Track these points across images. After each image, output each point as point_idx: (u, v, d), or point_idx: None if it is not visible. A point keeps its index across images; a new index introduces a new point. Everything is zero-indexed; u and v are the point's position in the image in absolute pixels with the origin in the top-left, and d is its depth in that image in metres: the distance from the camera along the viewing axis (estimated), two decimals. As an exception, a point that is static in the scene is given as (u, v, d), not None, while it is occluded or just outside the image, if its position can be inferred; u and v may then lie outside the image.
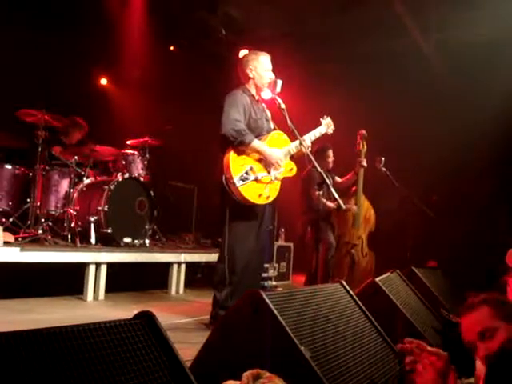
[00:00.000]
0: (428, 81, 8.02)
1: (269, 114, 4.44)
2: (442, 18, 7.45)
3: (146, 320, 1.42)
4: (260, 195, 4.01)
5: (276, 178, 4.12)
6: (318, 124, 4.63)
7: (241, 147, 3.98)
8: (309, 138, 4.42)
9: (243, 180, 3.92)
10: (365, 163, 6.15)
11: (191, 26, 8.61)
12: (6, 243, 4.78)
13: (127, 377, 1.22)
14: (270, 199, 4.13)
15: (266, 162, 4.07)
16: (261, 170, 4.05)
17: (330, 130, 4.68)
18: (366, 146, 6.18)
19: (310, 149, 4.29)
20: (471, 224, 7.96)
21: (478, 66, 7.55)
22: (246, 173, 3.96)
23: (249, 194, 3.95)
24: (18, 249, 4.55)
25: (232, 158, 3.94)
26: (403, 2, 7.29)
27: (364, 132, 6.21)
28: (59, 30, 6.93)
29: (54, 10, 6.91)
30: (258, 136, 4.15)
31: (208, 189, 7.62)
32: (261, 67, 4.29)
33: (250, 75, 4.28)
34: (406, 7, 7.37)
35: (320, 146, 6.08)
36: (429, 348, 1.78)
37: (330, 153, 6.24)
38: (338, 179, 6.40)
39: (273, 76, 4.29)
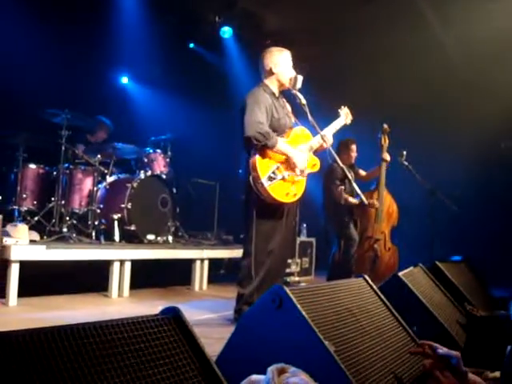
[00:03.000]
0: (450, 74, 7.94)
1: (289, 109, 4.43)
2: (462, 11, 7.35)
3: (172, 315, 1.44)
4: (287, 194, 4.03)
5: (301, 175, 4.12)
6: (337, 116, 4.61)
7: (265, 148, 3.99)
8: (330, 131, 4.40)
9: (270, 180, 3.93)
10: (387, 157, 6.12)
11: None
12: (32, 241, 4.86)
13: (155, 371, 1.24)
14: (297, 197, 4.14)
15: (291, 162, 4.07)
16: (287, 169, 4.05)
17: (349, 121, 4.62)
18: (387, 140, 6.15)
19: (331, 141, 4.29)
20: (496, 217, 7.88)
21: (498, 58, 7.45)
22: (273, 172, 3.97)
23: (276, 193, 3.96)
24: (43, 247, 4.63)
25: (258, 158, 3.95)
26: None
27: (386, 126, 6.17)
28: (82, 29, 6.99)
29: (78, 9, 6.98)
30: (281, 134, 4.15)
31: (230, 185, 7.64)
32: (284, 63, 4.27)
33: (274, 71, 4.24)
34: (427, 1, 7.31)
35: (344, 141, 6.06)
36: (439, 351, 1.77)
37: (354, 147, 6.21)
38: (362, 172, 6.37)
39: (294, 72, 4.28)
